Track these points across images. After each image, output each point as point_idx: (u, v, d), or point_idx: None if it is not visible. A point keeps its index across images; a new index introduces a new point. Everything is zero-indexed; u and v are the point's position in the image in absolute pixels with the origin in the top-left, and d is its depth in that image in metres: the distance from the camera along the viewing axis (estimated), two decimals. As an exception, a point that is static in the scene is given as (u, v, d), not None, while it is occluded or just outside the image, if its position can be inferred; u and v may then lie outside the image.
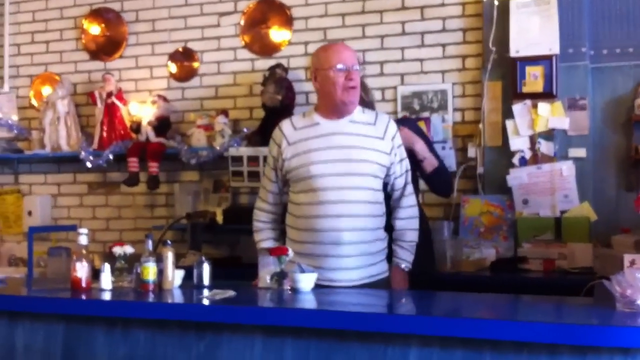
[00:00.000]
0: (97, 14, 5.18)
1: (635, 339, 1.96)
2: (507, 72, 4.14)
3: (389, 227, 3.09)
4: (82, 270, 2.82)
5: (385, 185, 3.06)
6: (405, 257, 3.06)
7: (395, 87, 4.49)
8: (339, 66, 2.94)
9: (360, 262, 2.95)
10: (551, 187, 3.97)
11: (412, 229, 3.08)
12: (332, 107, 3.01)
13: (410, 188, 3.09)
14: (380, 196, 3.02)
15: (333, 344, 2.31)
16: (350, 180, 2.93)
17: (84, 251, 2.84)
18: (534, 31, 4.07)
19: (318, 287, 2.86)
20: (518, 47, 4.09)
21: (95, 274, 2.88)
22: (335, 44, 3.25)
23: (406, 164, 3.08)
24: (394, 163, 3.02)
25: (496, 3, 3.99)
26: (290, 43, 4.74)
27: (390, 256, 3.08)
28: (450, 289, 3.02)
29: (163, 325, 2.55)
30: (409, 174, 3.09)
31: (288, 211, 3.09)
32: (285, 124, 3.09)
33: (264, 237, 3.13)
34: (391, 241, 3.08)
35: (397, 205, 3.07)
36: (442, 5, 4.42)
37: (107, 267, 2.84)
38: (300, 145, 3.00)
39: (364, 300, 2.79)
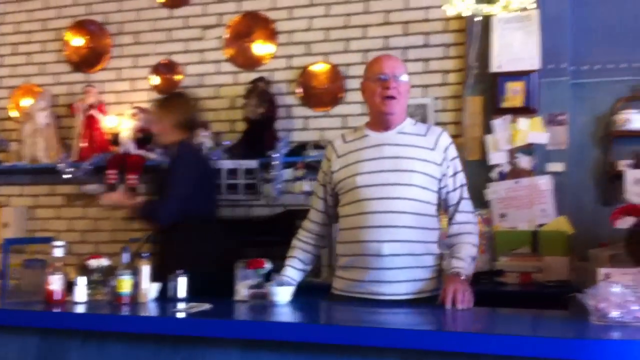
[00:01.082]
0: (80, 26, 5.17)
1: (608, 353, 1.97)
2: (488, 87, 4.17)
3: None
4: (56, 283, 2.79)
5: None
6: (460, 265, 2.81)
7: (377, 101, 4.50)
8: (379, 76, 2.89)
9: (405, 276, 2.80)
10: (529, 201, 3.99)
11: (467, 243, 2.87)
12: (376, 118, 2.96)
13: (466, 204, 2.94)
14: (431, 209, 2.88)
15: (311, 358, 2.29)
16: (395, 190, 2.81)
17: (59, 264, 2.81)
18: (515, 47, 4.10)
19: (360, 301, 2.81)
20: (499, 62, 4.12)
21: (70, 286, 2.85)
22: (381, 55, 3.11)
23: (461, 177, 2.94)
24: (446, 175, 2.90)
25: (479, 19, 4.02)
26: (273, 57, 4.76)
27: None
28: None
29: (138, 338, 2.53)
30: (465, 188, 2.96)
31: (338, 227, 3.01)
32: (337, 138, 3.06)
33: (289, 256, 3.08)
34: None
35: (452, 220, 2.93)
36: (426, 20, 4.45)
37: (82, 280, 2.81)
38: (349, 157, 2.94)
39: (346, 313, 2.76)
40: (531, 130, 4.05)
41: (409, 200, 2.82)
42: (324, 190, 3.03)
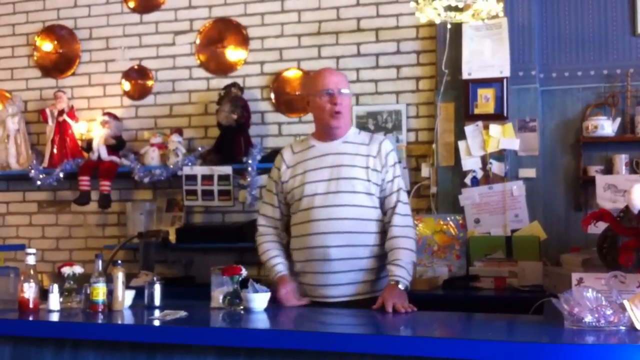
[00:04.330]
0: (50, 31, 5.12)
1: (583, 357, 1.99)
2: (460, 94, 4.21)
3: None
4: (29, 291, 2.75)
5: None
6: (399, 274, 2.86)
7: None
8: (325, 91, 3.00)
9: (351, 278, 2.94)
10: (502, 206, 4.04)
11: (405, 248, 2.92)
12: (323, 131, 3.09)
13: (402, 207, 3.00)
14: (375, 213, 2.99)
15: (287, 364, 2.29)
16: (339, 197, 2.95)
17: (31, 271, 2.78)
18: (485, 54, 4.15)
19: (313, 305, 2.93)
20: (470, 69, 4.17)
21: (43, 294, 2.81)
22: (322, 70, 3.23)
23: (398, 182, 3.03)
24: (385, 180, 3.00)
25: (449, 26, 4.06)
26: (246, 62, 4.75)
27: None
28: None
29: (113, 346, 2.50)
30: (402, 192, 3.03)
31: (291, 234, 3.11)
32: (285, 149, 3.18)
33: (272, 256, 3.09)
34: None
35: (389, 223, 2.98)
36: (397, 27, 4.48)
37: (55, 288, 2.78)
38: (297, 168, 3.07)
39: (323, 319, 2.77)
40: (503, 136, 4.09)
41: (352, 206, 2.96)
42: (278, 200, 3.13)
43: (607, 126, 4.02)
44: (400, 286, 2.84)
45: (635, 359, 1.98)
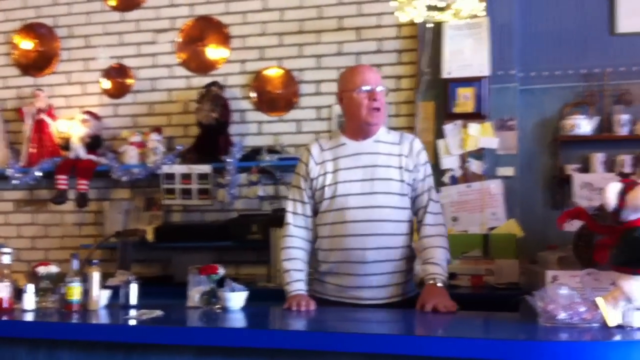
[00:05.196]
0: (29, 29, 5.08)
1: (557, 354, 2.00)
2: (440, 93, 4.22)
3: None
4: (4, 291, 2.73)
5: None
6: (436, 271, 2.85)
7: (330, 106, 4.53)
8: (363, 87, 2.93)
9: (386, 281, 2.90)
10: (480, 204, 4.05)
11: (440, 247, 2.91)
12: (357, 129, 2.99)
13: (434, 205, 2.97)
14: (407, 214, 2.95)
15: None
16: (375, 199, 2.90)
17: (6, 271, 2.75)
18: (466, 53, 4.17)
19: (343, 306, 2.87)
20: (450, 68, 4.18)
21: (19, 294, 2.79)
22: (359, 66, 3.18)
23: (429, 181, 3.00)
24: (417, 180, 2.96)
25: (430, 26, 4.07)
26: (227, 61, 4.74)
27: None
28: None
29: (89, 346, 2.48)
30: (433, 191, 3.00)
31: (318, 234, 3.03)
32: (313, 145, 3.05)
33: (293, 269, 2.94)
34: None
35: (422, 222, 2.96)
36: (378, 27, 4.49)
37: (30, 288, 2.76)
38: (327, 165, 2.98)
39: (301, 318, 2.76)
40: (482, 135, 4.11)
41: (388, 208, 2.90)
42: (307, 195, 3.01)
43: (584, 125, 4.05)
44: (439, 284, 2.83)
45: (608, 356, 1.99)
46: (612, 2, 4.17)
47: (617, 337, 2.08)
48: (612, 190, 2.23)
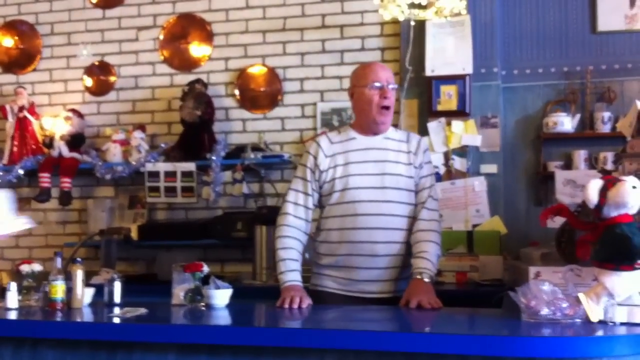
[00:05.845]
0: (10, 27, 5.04)
1: (539, 349, 2.02)
2: (423, 90, 4.24)
3: None
4: (-13, 289, 2.72)
5: None
6: (424, 266, 2.86)
7: (315, 104, 4.53)
8: (375, 84, 2.95)
9: (393, 275, 2.94)
10: (464, 201, 4.08)
11: (432, 242, 2.92)
12: (366, 125, 3.01)
13: (432, 202, 3.00)
14: (412, 210, 2.98)
15: (247, 361, 2.29)
16: (386, 193, 2.93)
17: (-11, 269, 2.74)
18: (448, 51, 4.19)
19: (346, 299, 2.88)
20: (433, 66, 4.20)
21: (1, 292, 2.77)
22: (372, 63, 3.20)
23: (432, 179, 3.04)
24: (420, 176, 3.00)
25: (413, 24, 4.09)
26: (210, 58, 4.73)
27: None
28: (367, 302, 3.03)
29: (73, 345, 2.47)
30: (434, 189, 3.04)
31: (319, 227, 3.04)
32: (321, 138, 3.06)
33: (287, 258, 2.93)
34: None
35: (418, 216, 2.97)
36: (362, 24, 4.50)
37: (13, 286, 2.74)
38: (337, 158, 2.98)
39: (285, 314, 2.76)
40: (465, 132, 4.14)
41: (397, 203, 2.94)
42: (311, 187, 3.00)
43: (566, 122, 4.09)
44: (425, 279, 2.83)
45: (590, 351, 2.01)
46: (593, 0, 4.21)
47: (599, 333, 2.10)
48: (594, 187, 2.25)
